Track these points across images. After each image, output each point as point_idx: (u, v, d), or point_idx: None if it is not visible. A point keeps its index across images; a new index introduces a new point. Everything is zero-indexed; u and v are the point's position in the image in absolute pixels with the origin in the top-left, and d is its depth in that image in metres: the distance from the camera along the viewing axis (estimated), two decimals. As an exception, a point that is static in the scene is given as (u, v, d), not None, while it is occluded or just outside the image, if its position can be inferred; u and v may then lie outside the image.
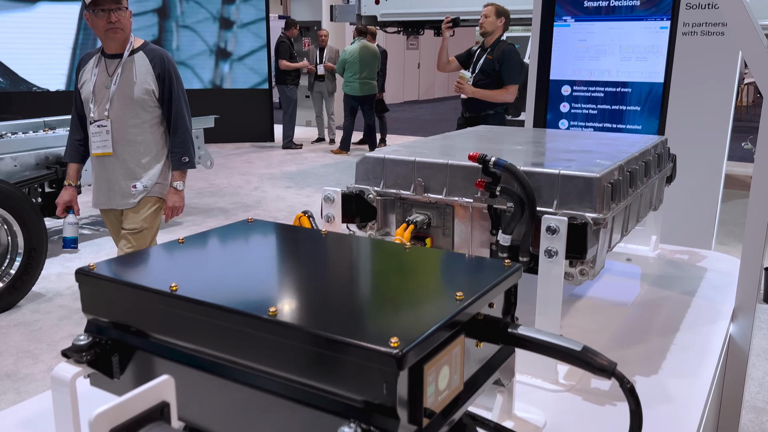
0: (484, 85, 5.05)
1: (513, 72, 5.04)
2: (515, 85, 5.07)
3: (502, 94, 5.04)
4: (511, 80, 5.04)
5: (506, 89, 5.02)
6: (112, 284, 0.95)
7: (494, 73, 5.01)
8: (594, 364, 0.90)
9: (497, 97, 5.04)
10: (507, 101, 5.09)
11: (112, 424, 0.57)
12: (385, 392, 0.74)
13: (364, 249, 1.13)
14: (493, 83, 5.04)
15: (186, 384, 0.90)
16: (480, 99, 5.04)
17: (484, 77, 5.05)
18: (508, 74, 5.02)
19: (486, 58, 5.09)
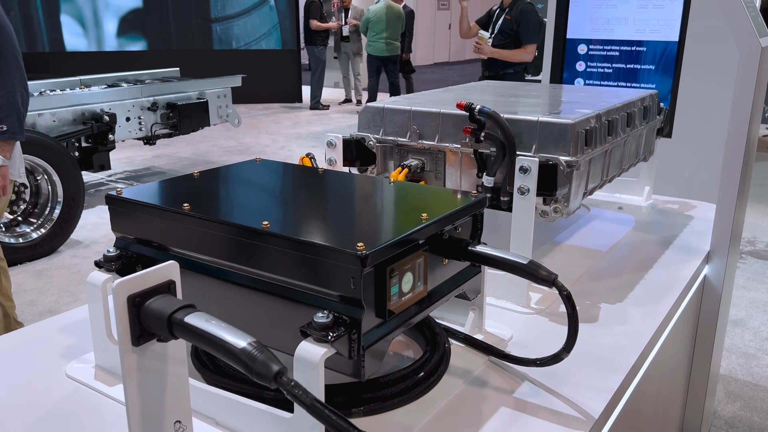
0: (503, 45, 5.06)
1: (530, 31, 5.03)
2: (533, 45, 5.06)
3: (520, 54, 5.05)
4: (529, 39, 5.03)
5: (524, 49, 5.03)
6: (136, 205, 1.13)
7: (512, 33, 5.01)
8: (537, 274, 1.06)
9: (515, 57, 5.06)
10: (525, 60, 5.11)
11: (130, 292, 0.75)
12: (353, 287, 0.91)
13: (351, 181, 1.29)
14: (512, 43, 5.06)
15: (194, 287, 1.09)
16: (499, 59, 5.08)
17: (503, 38, 5.06)
18: (526, 34, 5.01)
19: (504, 19, 5.08)
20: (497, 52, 5.03)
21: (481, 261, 1.11)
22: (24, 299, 3.67)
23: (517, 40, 5.02)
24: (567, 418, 1.06)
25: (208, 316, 0.74)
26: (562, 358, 1.09)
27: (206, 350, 0.73)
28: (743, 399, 2.55)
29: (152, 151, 7.51)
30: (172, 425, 0.84)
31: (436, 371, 1.13)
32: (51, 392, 1.12)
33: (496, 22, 5.14)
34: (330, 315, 0.90)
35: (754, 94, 1.70)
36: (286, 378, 0.67)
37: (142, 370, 0.79)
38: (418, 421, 1.03)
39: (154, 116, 5.42)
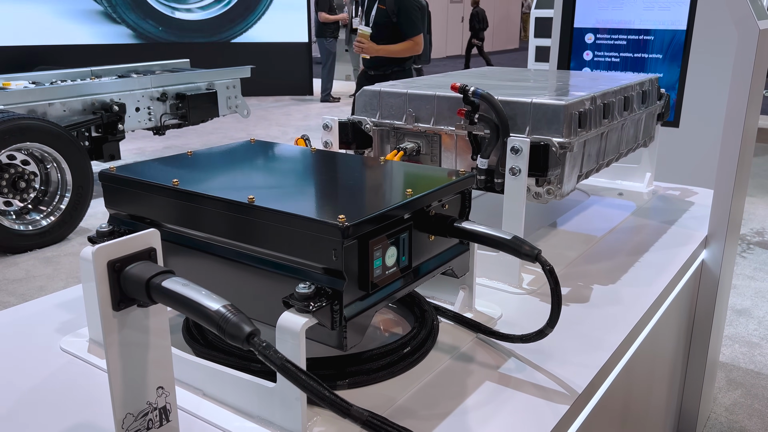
0: (382, 40, 4.33)
1: (414, 20, 4.37)
2: (420, 34, 4.44)
3: (409, 47, 4.39)
4: (414, 30, 4.37)
5: (412, 41, 4.37)
6: (128, 181, 1.15)
7: (391, 24, 4.31)
8: (521, 250, 1.06)
9: (404, 52, 4.41)
10: (416, 53, 4.50)
11: (110, 257, 0.77)
12: (334, 258, 0.92)
13: (343, 161, 1.30)
14: (393, 36, 4.35)
15: (184, 261, 1.11)
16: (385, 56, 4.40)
17: (380, 31, 4.32)
18: (409, 24, 4.34)
19: (378, 9, 4.35)
20: (383, 49, 4.35)
21: (466, 237, 1.12)
22: (33, 285, 3.72)
23: (398, 33, 4.35)
24: (550, 392, 1.06)
25: (185, 281, 0.76)
26: (547, 333, 1.10)
27: (183, 313, 0.75)
28: (745, 386, 2.54)
29: (162, 142, 7.56)
30: (154, 391, 0.86)
31: (422, 347, 1.14)
32: (45, 364, 1.14)
33: (368, 14, 4.43)
34: (312, 286, 0.91)
35: (752, 78, 1.69)
36: (257, 339, 0.68)
37: (123, 335, 0.81)
38: (401, 394, 1.04)
39: (164, 106, 5.46)
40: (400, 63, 4.48)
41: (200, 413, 0.99)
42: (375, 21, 4.34)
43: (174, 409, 0.89)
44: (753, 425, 2.31)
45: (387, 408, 1.01)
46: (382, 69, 4.47)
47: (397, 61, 4.47)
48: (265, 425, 0.95)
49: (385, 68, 4.47)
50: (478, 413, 1.01)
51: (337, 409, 0.74)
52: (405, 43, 4.37)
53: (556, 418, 1.00)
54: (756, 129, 1.95)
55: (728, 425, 2.32)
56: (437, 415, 1.00)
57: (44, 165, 4.34)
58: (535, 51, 6.20)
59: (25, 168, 4.27)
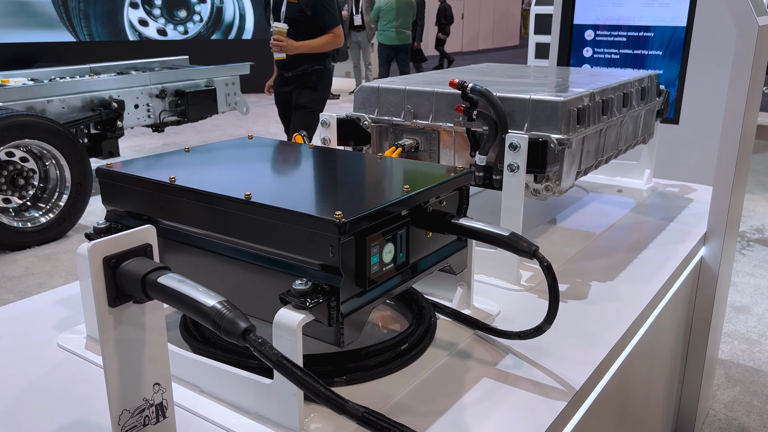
0: (298, 37, 4.07)
1: (331, 11, 4.12)
2: (339, 26, 4.20)
3: (330, 41, 4.14)
4: (333, 21, 4.13)
5: (333, 33, 4.12)
6: (125, 178, 1.15)
7: (305, 19, 4.06)
8: (518, 246, 1.06)
9: (327, 46, 4.15)
10: (338, 46, 4.24)
11: (106, 253, 0.76)
12: (331, 254, 0.92)
13: (341, 157, 1.30)
14: (309, 32, 4.09)
15: (181, 258, 1.10)
16: (305, 53, 4.12)
17: (294, 27, 4.06)
18: (326, 16, 4.08)
19: (289, 4, 4.05)
20: (304, 46, 4.07)
21: (464, 233, 1.11)
22: (32, 282, 3.72)
23: (314, 27, 4.08)
24: (547, 389, 1.06)
25: (181, 277, 0.75)
26: (544, 330, 1.10)
27: (179, 310, 0.74)
28: (744, 383, 2.54)
29: (162, 140, 7.56)
30: (150, 387, 0.86)
31: (419, 343, 1.14)
32: (42, 361, 1.14)
33: (278, 10, 4.12)
34: (309, 282, 0.91)
35: (751, 74, 1.69)
36: (253, 335, 0.68)
37: (119, 331, 0.80)
38: (399, 390, 1.04)
39: (163, 103, 5.46)
40: (318, 60, 4.17)
41: (197, 410, 0.98)
42: (287, 17, 4.05)
43: (171, 406, 0.89)
44: (752, 422, 2.31)
45: (384, 404, 1.01)
46: (300, 68, 4.15)
47: (315, 59, 4.16)
48: (262, 422, 0.95)
49: (303, 67, 4.15)
50: (475, 410, 1.00)
51: (333, 406, 0.74)
52: (325, 36, 4.10)
53: (554, 414, 1.00)
54: (755, 126, 1.94)
55: (727, 422, 2.32)
56: (434, 411, 1.00)
57: (43, 162, 4.34)
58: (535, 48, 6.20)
59: (24, 165, 4.26)
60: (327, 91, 4.38)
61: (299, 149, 1.35)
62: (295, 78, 4.20)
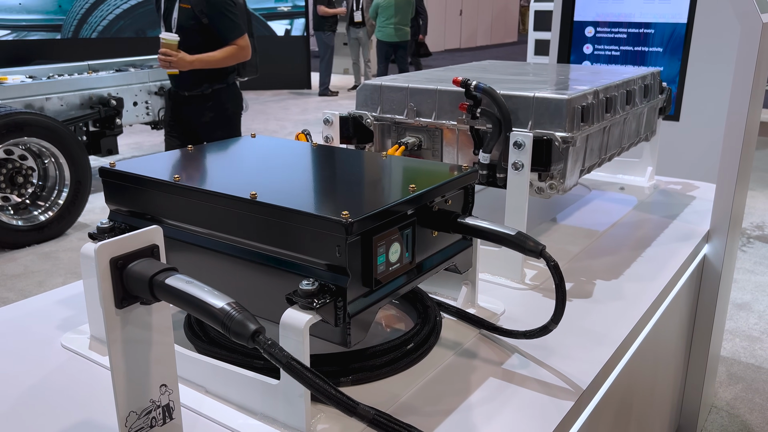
0: (193, 48, 3.31)
1: (232, 18, 3.37)
2: (245, 34, 3.46)
3: (234, 54, 3.39)
4: (236, 30, 3.38)
5: (236, 45, 3.39)
6: (129, 177, 1.14)
7: (201, 27, 3.33)
8: (525, 245, 1.06)
9: (228, 60, 3.39)
10: (243, 60, 3.48)
11: (112, 255, 0.76)
12: (338, 254, 0.91)
13: (344, 155, 1.29)
14: (206, 43, 3.35)
15: (186, 258, 1.10)
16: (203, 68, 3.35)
17: (189, 38, 3.31)
18: (228, 24, 3.35)
19: (181, 8, 3.33)
20: (200, 60, 3.31)
21: (470, 232, 1.11)
22: (31, 281, 3.71)
23: (214, 37, 3.36)
24: (554, 388, 1.06)
25: (189, 279, 0.75)
26: (551, 329, 1.09)
27: (187, 311, 0.74)
28: (745, 381, 2.55)
29: (160, 137, 7.53)
30: (157, 389, 0.85)
31: (425, 343, 1.14)
32: (46, 361, 1.13)
33: (168, 17, 3.40)
34: (315, 283, 0.91)
35: (755, 71, 1.68)
36: (263, 337, 0.67)
37: (126, 332, 0.80)
38: (405, 390, 1.04)
39: (161, 101, 5.44)
40: (220, 78, 3.45)
41: (203, 410, 0.98)
42: (179, 25, 3.34)
43: (177, 407, 0.88)
44: (754, 419, 2.32)
45: (391, 405, 1.00)
46: (199, 88, 3.42)
47: (217, 76, 3.43)
48: (269, 422, 0.95)
49: (203, 86, 3.42)
50: (482, 409, 1.00)
51: (343, 408, 0.74)
52: (227, 48, 3.37)
53: (561, 414, 1.00)
54: (758, 123, 1.94)
55: (729, 420, 2.32)
56: (441, 411, 0.99)
57: (42, 160, 4.32)
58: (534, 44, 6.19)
59: (23, 163, 4.25)
60: (234, 112, 3.62)
61: (303, 148, 1.34)
62: (195, 99, 3.46)
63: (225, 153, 1.30)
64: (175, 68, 3.29)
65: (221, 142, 1.38)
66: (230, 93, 3.56)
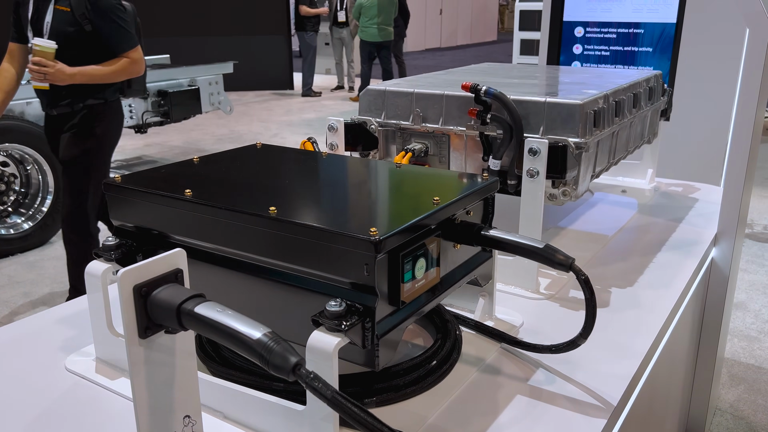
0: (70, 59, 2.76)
1: (123, 25, 2.85)
2: (138, 46, 2.94)
3: (125, 68, 2.87)
4: (127, 41, 2.87)
5: (128, 58, 2.87)
6: (136, 193, 1.09)
7: (80, 36, 2.80)
8: (554, 259, 1.02)
9: (119, 75, 2.87)
10: (133, 76, 2.96)
11: (136, 281, 0.71)
12: (366, 273, 0.87)
13: (358, 166, 1.25)
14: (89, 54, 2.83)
15: (200, 276, 1.05)
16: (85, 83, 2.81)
17: (67, 47, 2.77)
18: (118, 33, 2.84)
19: (56, 10, 2.80)
20: (82, 73, 2.77)
21: (495, 246, 1.07)
22: (17, 291, 3.61)
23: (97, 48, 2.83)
24: (585, 405, 1.03)
25: (220, 306, 0.70)
26: (579, 344, 1.06)
27: (218, 341, 0.69)
28: (747, 382, 2.55)
29: (143, 140, 7.43)
30: (181, 420, 0.80)
31: (448, 359, 1.10)
32: (51, 387, 1.08)
33: (38, 21, 2.83)
34: (343, 303, 0.87)
35: (763, 74, 1.67)
36: (304, 370, 0.63)
37: (149, 363, 0.75)
38: (432, 411, 1.00)
39: (145, 104, 5.35)
40: (95, 92, 2.89)
41: (224, 438, 0.93)
42: (54, 30, 2.79)
43: (200, 438, 0.84)
44: (759, 420, 2.32)
45: (419, 427, 0.96)
46: (70, 104, 2.87)
47: (90, 91, 2.87)
48: (295, 450, 0.90)
49: (73, 102, 2.87)
50: (514, 430, 0.97)
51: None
52: (118, 62, 2.84)
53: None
54: (762, 124, 1.93)
55: (734, 422, 2.31)
56: (472, 433, 0.96)
57: (24, 166, 4.22)
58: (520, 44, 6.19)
59: (5, 170, 4.14)
60: (111, 137, 3.06)
61: (313, 158, 1.30)
62: (64, 118, 2.91)
63: (233, 165, 1.25)
64: (51, 81, 2.72)
65: (226, 153, 1.33)
66: (106, 111, 2.98)
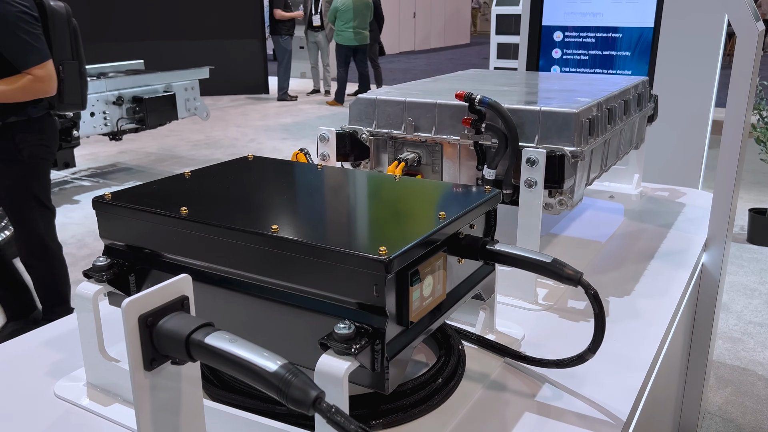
0: None
1: (28, 38, 2.51)
2: (47, 61, 2.57)
3: (27, 87, 2.51)
4: (33, 56, 2.52)
5: (30, 74, 2.51)
6: (128, 210, 1.05)
7: None
8: (562, 273, 1.00)
9: (18, 94, 2.51)
10: (43, 95, 2.59)
11: (141, 311, 0.67)
12: (375, 294, 0.85)
13: (356, 179, 1.22)
14: None
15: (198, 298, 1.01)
16: None
17: None
18: (22, 47, 2.50)
19: None
20: None
21: (501, 261, 1.05)
22: (-10, 305, 3.50)
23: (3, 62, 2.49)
24: (595, 421, 1.01)
25: (231, 336, 0.67)
26: (587, 359, 1.05)
27: (230, 374, 0.66)
28: (734, 384, 2.57)
29: (117, 147, 7.29)
30: (187, 453, 0.77)
31: (453, 376, 1.08)
32: (40, 415, 1.03)
33: None
34: (352, 325, 0.84)
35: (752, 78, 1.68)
36: (325, 404, 0.60)
37: (155, 394, 0.71)
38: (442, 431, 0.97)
39: (120, 111, 5.25)
40: (18, 110, 2.57)
41: (228, 467, 0.90)
42: None
43: (205, 470, 0.80)
44: (747, 423, 2.34)
45: (429, 449, 0.94)
46: None
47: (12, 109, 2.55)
48: (303, 478, 0.87)
49: None
50: (525, 450, 0.95)
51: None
52: (20, 80, 2.49)
53: (607, 450, 0.95)
54: (749, 128, 1.95)
55: (723, 425, 2.33)
56: (483, 454, 0.93)
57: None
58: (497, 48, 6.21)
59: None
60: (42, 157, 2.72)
61: (309, 171, 1.26)
62: None
63: (227, 179, 1.21)
64: None
65: (218, 167, 1.29)
66: (35, 130, 2.62)
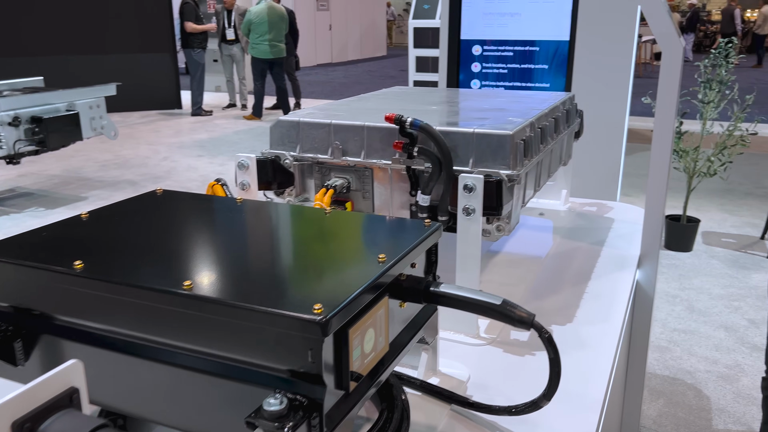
0: None
1: None
2: None
3: None
4: None
5: None
6: (9, 265, 0.88)
7: None
8: (513, 316, 0.92)
9: None
10: None
11: (15, 417, 0.53)
12: (311, 360, 0.73)
13: (282, 215, 1.10)
14: None
15: (99, 366, 0.86)
16: None
17: None
18: None
19: None
20: None
21: (446, 303, 0.96)
22: None
23: None
24: (554, 475, 0.93)
25: (135, 442, 0.53)
26: (542, 406, 0.97)
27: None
28: (665, 395, 2.59)
29: (16, 170, 6.80)
30: None
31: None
32: None
33: None
34: (283, 399, 0.71)
35: (678, 93, 1.68)
36: None
37: None
38: (390, 504, 0.86)
39: (17, 132, 4.86)
40: None
41: None
42: None
43: None
44: (681, 434, 2.36)
45: None
46: None
47: None
48: None
49: None
50: None
51: None
52: None
53: None
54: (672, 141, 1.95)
55: (659, 437, 2.34)
56: None
57: None
58: (416, 61, 6.20)
59: None
60: None
61: (228, 207, 1.13)
62: None
63: (131, 221, 1.06)
64: None
65: (121, 205, 1.14)
66: None
